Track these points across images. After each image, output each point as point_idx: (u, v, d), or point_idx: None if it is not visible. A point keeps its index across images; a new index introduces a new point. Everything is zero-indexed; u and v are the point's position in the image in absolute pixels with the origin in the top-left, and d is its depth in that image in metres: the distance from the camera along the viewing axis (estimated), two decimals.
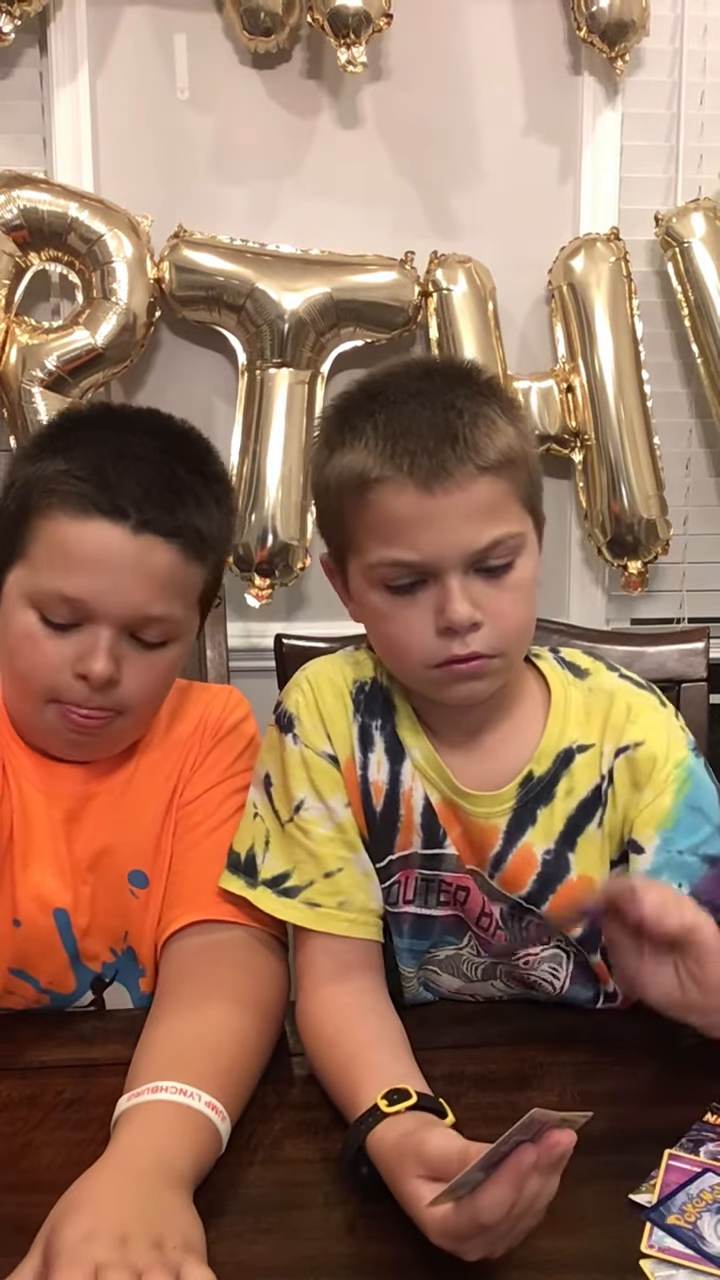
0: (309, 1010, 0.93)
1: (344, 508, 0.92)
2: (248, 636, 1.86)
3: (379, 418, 0.89)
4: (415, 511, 0.87)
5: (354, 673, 1.02)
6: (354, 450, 0.89)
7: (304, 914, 0.96)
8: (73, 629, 0.93)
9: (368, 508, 0.89)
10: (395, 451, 0.87)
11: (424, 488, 0.86)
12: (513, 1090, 0.89)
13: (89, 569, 0.92)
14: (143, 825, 1.03)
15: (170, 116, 1.91)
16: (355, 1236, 0.73)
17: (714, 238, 1.94)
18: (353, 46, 1.80)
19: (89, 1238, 0.65)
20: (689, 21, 2.01)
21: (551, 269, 1.98)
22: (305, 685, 1.02)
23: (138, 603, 0.93)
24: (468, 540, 0.87)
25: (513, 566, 0.90)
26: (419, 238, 1.93)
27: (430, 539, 0.87)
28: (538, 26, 1.96)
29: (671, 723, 0.99)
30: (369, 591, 0.92)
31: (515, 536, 0.89)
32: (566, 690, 1.00)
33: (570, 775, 0.97)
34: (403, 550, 0.88)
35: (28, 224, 1.79)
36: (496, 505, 0.88)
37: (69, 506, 0.92)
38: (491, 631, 0.89)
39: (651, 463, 1.95)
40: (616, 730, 0.97)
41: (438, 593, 0.88)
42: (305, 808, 0.98)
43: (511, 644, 0.91)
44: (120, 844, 1.02)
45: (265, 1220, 0.75)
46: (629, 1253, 0.71)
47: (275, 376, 1.86)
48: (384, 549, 0.89)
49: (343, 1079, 0.84)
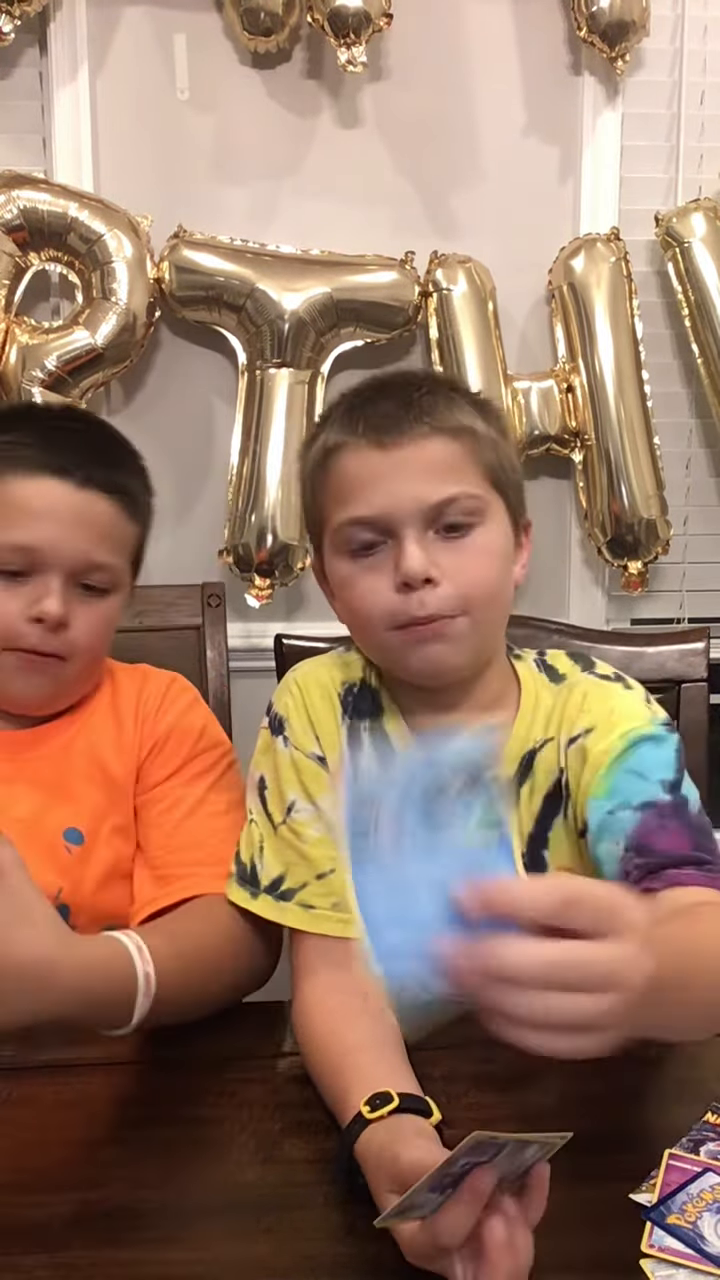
0: (302, 1012, 0.93)
1: (315, 484, 0.97)
2: (248, 636, 1.86)
3: (348, 401, 0.96)
4: (370, 468, 0.91)
5: (342, 674, 1.02)
6: (324, 434, 0.96)
7: (299, 916, 0.96)
8: (23, 578, 1.05)
9: (329, 474, 0.94)
10: (354, 419, 0.93)
11: (378, 445, 0.90)
12: (512, 1090, 0.89)
13: (39, 519, 1.04)
14: (81, 783, 1.11)
15: (170, 116, 1.91)
16: (355, 1236, 0.73)
17: (714, 238, 1.94)
18: (353, 46, 1.80)
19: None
20: (689, 21, 2.01)
21: (551, 269, 1.98)
22: (294, 688, 1.02)
23: (83, 550, 1.05)
24: (421, 493, 0.89)
25: (473, 529, 0.91)
26: (419, 238, 1.93)
27: (384, 493, 0.90)
28: (538, 26, 1.96)
29: (627, 702, 0.97)
30: (336, 561, 0.95)
31: (472, 498, 0.91)
32: (538, 693, 1.00)
33: (532, 775, 0.97)
34: (360, 507, 0.91)
35: (28, 224, 1.78)
36: (452, 464, 0.91)
37: (18, 469, 1.05)
38: (450, 589, 0.90)
39: (651, 463, 1.95)
40: (570, 721, 0.97)
41: (396, 550, 0.90)
42: (297, 809, 0.98)
43: (474, 605, 0.91)
44: (54, 802, 1.09)
45: (265, 1220, 0.75)
46: (629, 1253, 0.71)
47: (275, 376, 1.86)
48: (343, 509, 0.92)
49: (333, 1083, 0.85)
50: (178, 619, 1.54)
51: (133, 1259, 0.72)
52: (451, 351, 1.89)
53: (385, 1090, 0.78)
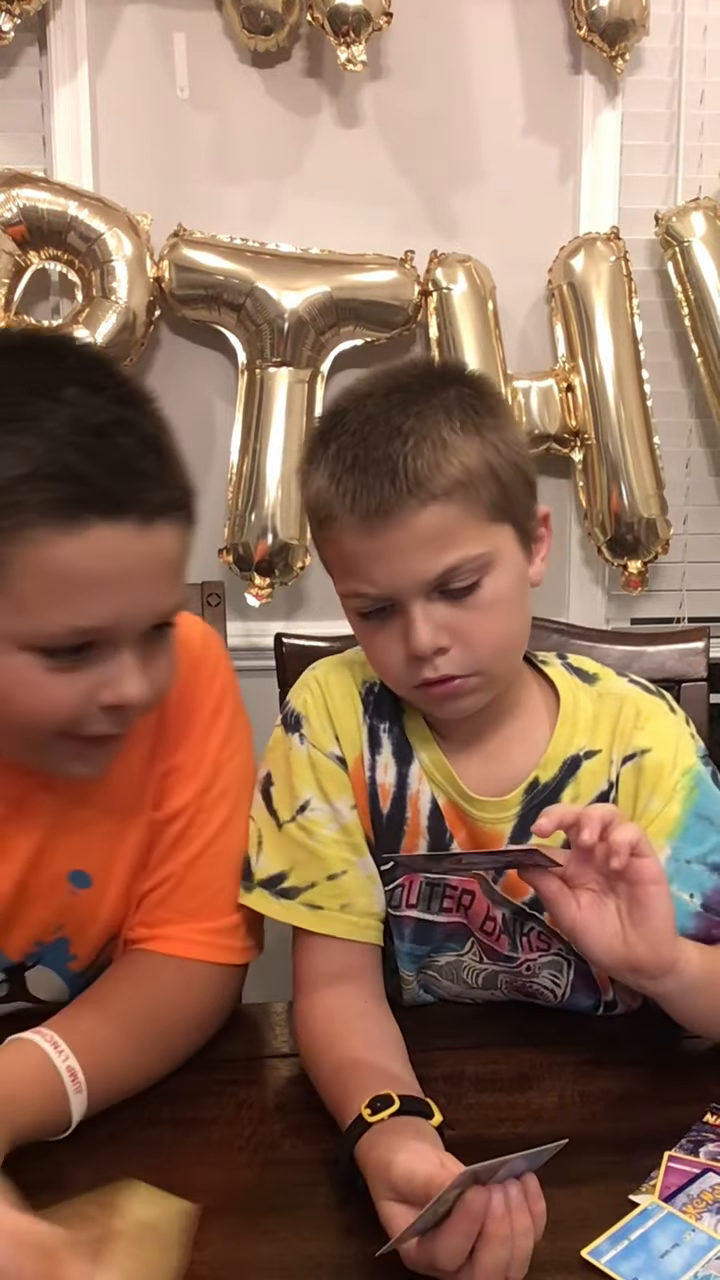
0: (304, 1014, 0.93)
1: (315, 535, 0.94)
2: (248, 636, 1.86)
3: (334, 446, 0.89)
4: (363, 549, 0.87)
5: (364, 674, 1.01)
6: (316, 478, 0.90)
7: (305, 916, 0.96)
8: (81, 655, 0.78)
9: (327, 543, 0.91)
10: (340, 489, 0.87)
11: (367, 528, 0.86)
12: (513, 1091, 0.89)
13: (104, 590, 0.75)
14: (91, 820, 0.94)
15: (170, 115, 1.91)
16: (355, 1237, 0.73)
17: (714, 237, 1.93)
18: (353, 45, 1.79)
19: None
20: (689, 21, 2.00)
21: (551, 268, 1.98)
22: (314, 685, 1.01)
23: (159, 606, 0.80)
24: (419, 571, 0.86)
25: (479, 586, 0.88)
26: (419, 237, 1.93)
27: (382, 572, 0.87)
28: (538, 26, 1.96)
29: (681, 729, 0.98)
30: (348, 612, 0.94)
31: (474, 559, 0.87)
32: (576, 696, 0.99)
33: (576, 782, 0.96)
34: (360, 583, 0.89)
35: (27, 222, 1.78)
36: (447, 533, 0.86)
37: (50, 517, 0.73)
38: (462, 653, 0.88)
39: (651, 462, 1.95)
40: (625, 736, 0.96)
41: (404, 619, 0.88)
42: (311, 808, 0.97)
43: (487, 663, 0.90)
44: (59, 841, 0.93)
45: (265, 1220, 0.75)
46: None
47: (275, 375, 1.86)
48: (345, 581, 0.91)
49: (334, 1086, 0.85)
50: None
51: None
52: (451, 351, 1.89)
53: (386, 1093, 0.78)
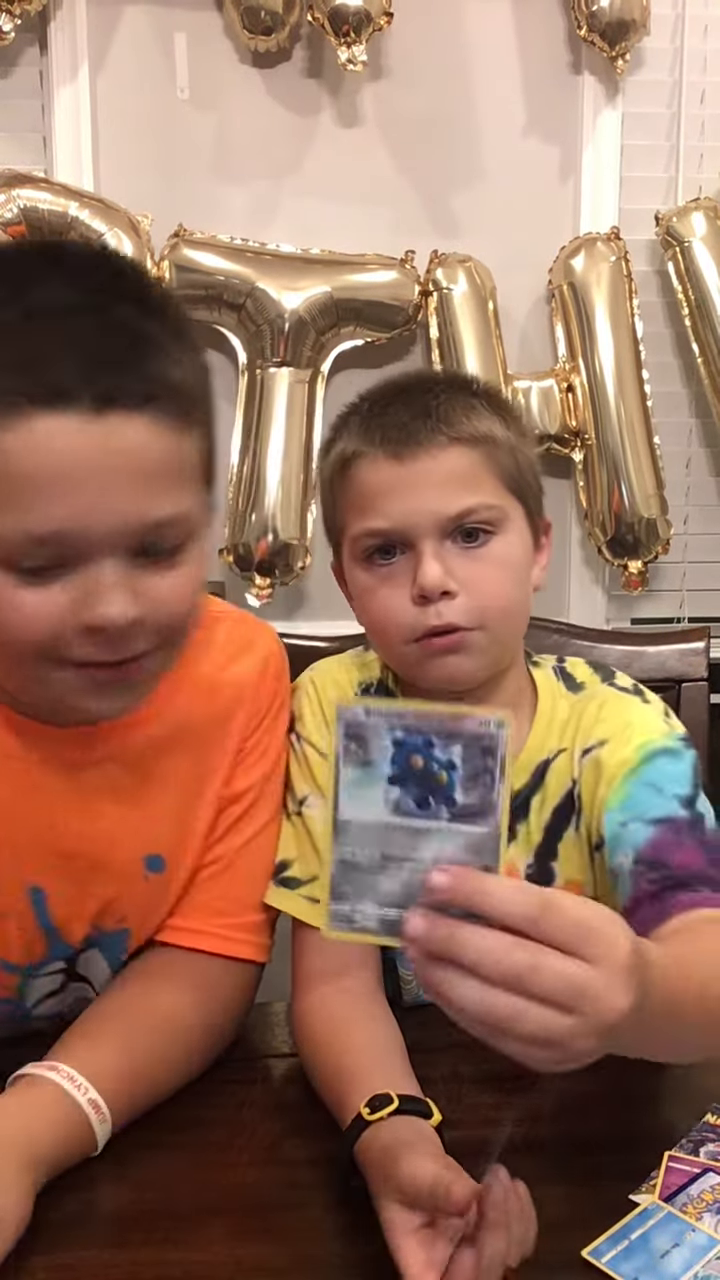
0: (302, 1011, 0.93)
1: (334, 492, 0.96)
2: None
3: (364, 408, 0.94)
4: (387, 480, 0.90)
5: (359, 674, 1.02)
6: (342, 440, 0.94)
7: (304, 908, 0.96)
8: (57, 571, 0.71)
9: (349, 484, 0.93)
10: (371, 429, 0.91)
11: (395, 457, 0.89)
12: (513, 1091, 0.89)
13: (54, 491, 0.68)
14: (166, 796, 0.88)
15: (170, 116, 1.91)
16: (355, 1237, 0.73)
17: (714, 237, 1.94)
18: (353, 45, 1.80)
19: None
20: (689, 20, 2.01)
21: (552, 268, 1.98)
22: (310, 686, 1.02)
23: (132, 513, 0.71)
24: (438, 505, 0.89)
25: (492, 540, 0.90)
26: (419, 237, 1.93)
27: (401, 505, 0.89)
28: (538, 25, 1.96)
29: (644, 715, 0.96)
30: (355, 570, 0.94)
31: (491, 508, 0.90)
32: (555, 702, 0.99)
33: (544, 787, 0.96)
34: (377, 519, 0.90)
35: (28, 223, 1.78)
36: (469, 475, 0.90)
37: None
38: (467, 601, 0.89)
39: (652, 462, 1.95)
40: (585, 732, 0.96)
41: (413, 561, 0.89)
42: (309, 804, 0.98)
43: (491, 618, 0.90)
44: (134, 820, 0.88)
45: (265, 1220, 0.75)
46: None
47: (275, 376, 1.86)
48: (361, 520, 0.92)
49: (332, 1084, 0.84)
50: None
51: (133, 1259, 0.72)
52: (451, 351, 1.89)
53: (385, 1092, 0.78)
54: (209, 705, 0.90)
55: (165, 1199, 0.78)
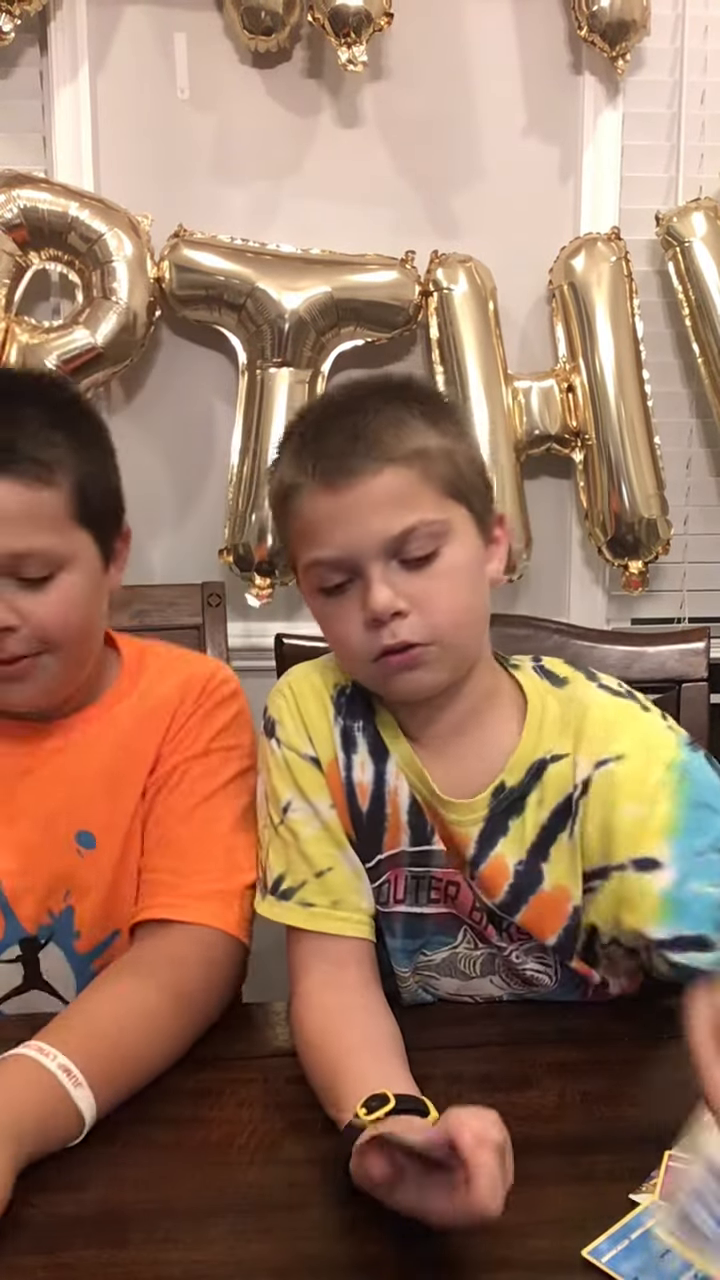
0: (300, 1013, 0.93)
1: (279, 523, 0.98)
2: (248, 636, 1.86)
3: (299, 430, 0.96)
4: (326, 511, 0.90)
5: (335, 676, 1.03)
6: (280, 468, 0.96)
7: (299, 915, 0.97)
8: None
9: (291, 516, 0.94)
10: (304, 458, 0.92)
11: (330, 488, 0.90)
12: (512, 1090, 0.89)
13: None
14: (98, 784, 1.05)
15: (170, 116, 1.91)
16: (355, 1236, 0.73)
17: (715, 237, 1.93)
18: (353, 46, 1.79)
19: None
20: (690, 21, 2.00)
21: (552, 268, 1.98)
22: (286, 690, 1.03)
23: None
24: (378, 530, 0.89)
25: (438, 555, 0.91)
26: (419, 237, 1.93)
27: (342, 534, 0.90)
28: (538, 26, 1.96)
29: (655, 727, 0.98)
30: (311, 597, 0.95)
31: (432, 524, 0.90)
32: (544, 700, 0.99)
33: (542, 786, 0.96)
34: (322, 549, 0.91)
35: (28, 223, 1.78)
36: (406, 494, 0.90)
37: None
38: (419, 619, 0.90)
39: (652, 462, 1.95)
40: (595, 742, 0.96)
41: (362, 586, 0.90)
42: (292, 809, 0.99)
43: (446, 632, 0.91)
44: (71, 802, 1.04)
45: (265, 1220, 0.75)
46: None
47: (276, 376, 1.86)
48: (308, 551, 0.93)
49: (329, 1085, 0.85)
50: (178, 618, 1.53)
51: (132, 1259, 0.72)
52: (452, 351, 1.89)
53: (381, 1092, 0.78)
54: (136, 713, 1.08)
55: (165, 1199, 0.78)
